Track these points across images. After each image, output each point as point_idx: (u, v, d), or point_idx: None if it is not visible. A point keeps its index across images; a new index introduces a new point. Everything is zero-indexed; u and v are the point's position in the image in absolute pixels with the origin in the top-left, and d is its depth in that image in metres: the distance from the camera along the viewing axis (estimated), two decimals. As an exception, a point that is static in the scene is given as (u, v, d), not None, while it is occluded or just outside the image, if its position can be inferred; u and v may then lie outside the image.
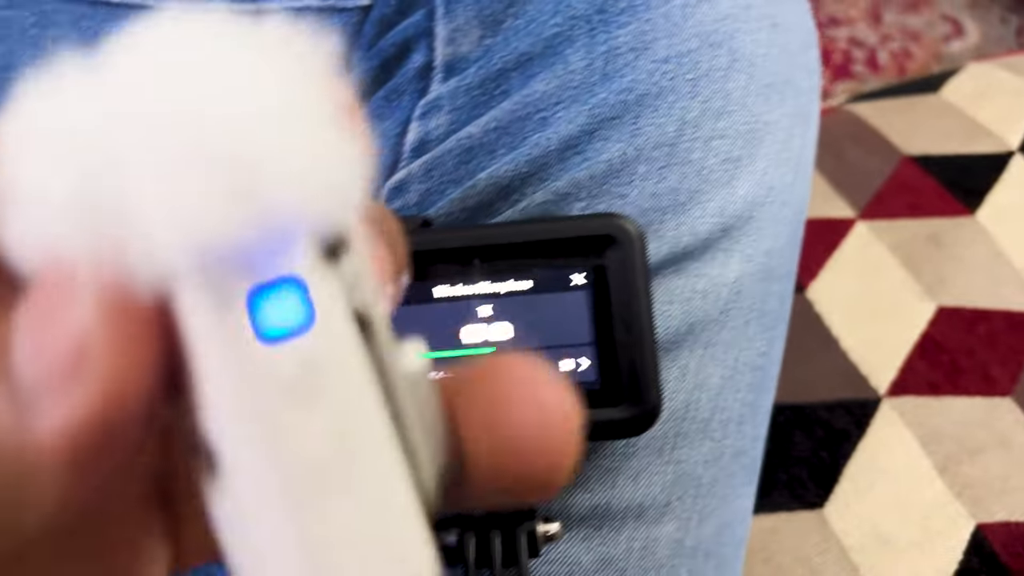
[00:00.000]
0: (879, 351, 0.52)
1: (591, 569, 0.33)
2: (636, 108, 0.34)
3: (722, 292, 0.34)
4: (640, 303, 0.29)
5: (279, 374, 0.11)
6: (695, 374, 0.34)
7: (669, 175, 0.34)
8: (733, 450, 0.36)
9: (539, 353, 0.29)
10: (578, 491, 0.33)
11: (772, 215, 0.36)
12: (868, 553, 0.46)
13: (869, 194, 0.59)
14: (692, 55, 0.34)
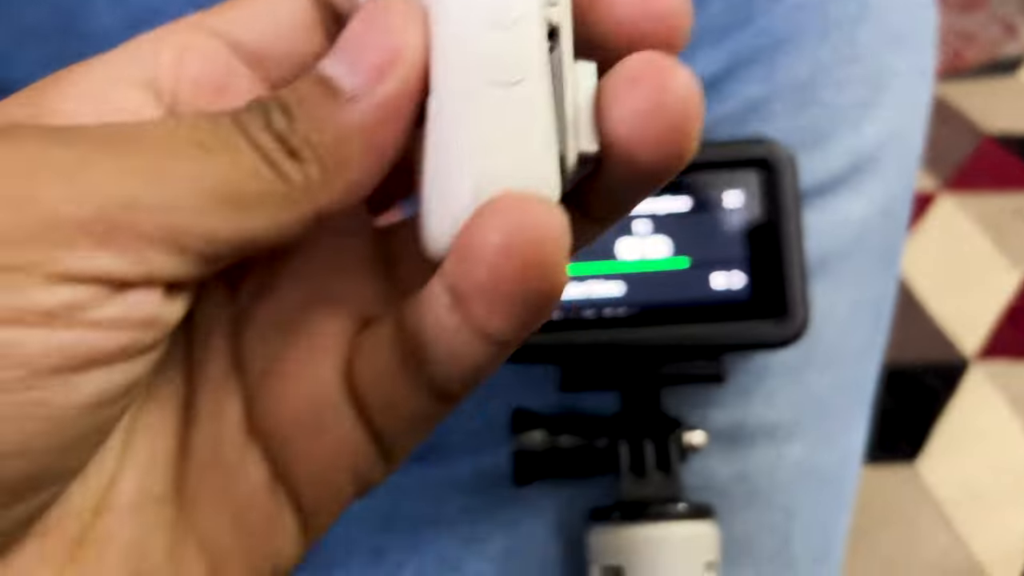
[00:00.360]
0: (966, 317, 0.54)
1: (726, 481, 0.34)
2: (771, 51, 0.36)
3: (850, 228, 0.36)
4: (791, 223, 0.30)
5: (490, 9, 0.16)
6: (822, 304, 0.36)
7: (803, 114, 0.36)
8: (853, 382, 0.37)
9: (695, 268, 0.31)
10: (716, 408, 0.34)
11: (894, 159, 0.38)
12: (961, 507, 0.47)
13: (953, 169, 0.60)
14: (824, 3, 0.36)
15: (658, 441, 0.31)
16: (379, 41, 0.16)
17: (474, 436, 0.35)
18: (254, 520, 0.18)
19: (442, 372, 0.17)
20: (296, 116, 0.16)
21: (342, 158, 0.16)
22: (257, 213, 0.15)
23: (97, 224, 0.14)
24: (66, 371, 0.14)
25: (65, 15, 0.37)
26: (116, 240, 0.14)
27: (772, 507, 0.35)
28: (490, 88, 0.16)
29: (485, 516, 0.34)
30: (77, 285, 0.14)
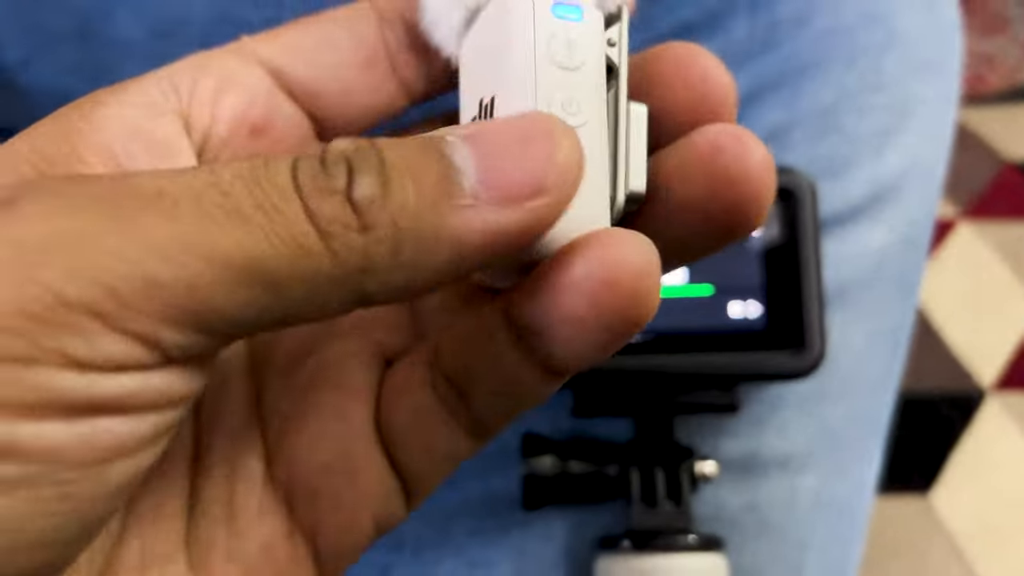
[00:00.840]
0: (983, 347, 0.53)
1: (737, 511, 0.34)
2: (795, 77, 0.35)
3: (869, 257, 0.36)
4: (810, 253, 0.30)
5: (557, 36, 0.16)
6: (839, 335, 0.35)
7: (824, 142, 0.35)
8: (868, 413, 0.37)
9: (711, 296, 0.31)
10: (728, 438, 0.34)
11: (916, 188, 0.37)
12: (974, 539, 0.46)
13: (972, 196, 0.60)
14: (850, 30, 0.36)
15: (669, 470, 0.31)
16: (531, 164, 0.14)
17: (484, 459, 0.34)
18: (268, 573, 0.17)
19: (487, 407, 0.17)
20: (393, 189, 0.13)
21: (420, 257, 0.14)
22: (295, 291, 0.13)
23: (107, 305, 0.13)
24: (92, 464, 0.13)
25: (87, 22, 0.37)
26: (129, 323, 0.13)
27: (784, 539, 0.35)
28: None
29: (493, 540, 0.34)
30: (93, 372, 0.13)
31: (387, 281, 0.14)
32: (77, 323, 0.13)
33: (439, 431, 0.17)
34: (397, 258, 0.14)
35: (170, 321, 0.13)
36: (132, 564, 0.16)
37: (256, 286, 0.13)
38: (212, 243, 0.13)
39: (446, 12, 0.17)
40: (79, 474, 0.13)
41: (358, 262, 0.13)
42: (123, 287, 0.13)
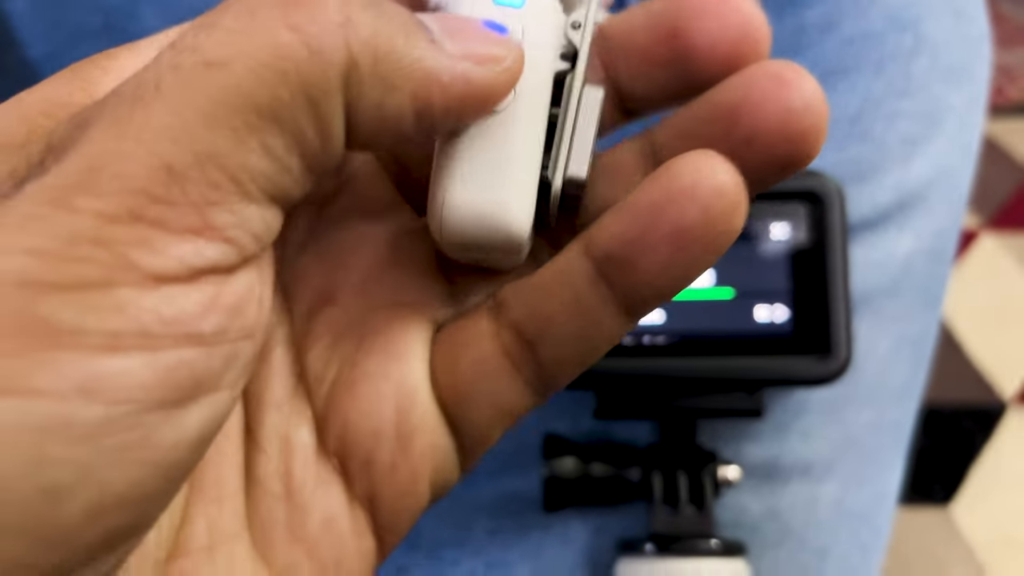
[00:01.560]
0: (1005, 359, 0.53)
1: (758, 517, 0.34)
2: (822, 82, 0.35)
3: (894, 265, 0.35)
4: (837, 258, 0.30)
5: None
6: (864, 341, 0.35)
7: (851, 148, 0.35)
8: (892, 421, 0.37)
9: (738, 299, 0.30)
10: (751, 443, 0.34)
11: (943, 196, 0.37)
12: (994, 552, 0.46)
13: (995, 207, 0.59)
14: (878, 36, 0.36)
15: (692, 474, 0.31)
16: (490, 41, 0.16)
17: (504, 459, 0.34)
18: (331, 548, 0.17)
19: (559, 356, 0.17)
20: (375, 12, 0.14)
21: (396, 75, 0.14)
22: (301, 118, 0.14)
23: (144, 210, 0.13)
24: (172, 404, 0.13)
25: (112, 17, 0.37)
26: (174, 220, 0.13)
27: (805, 546, 0.34)
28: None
29: (512, 541, 0.34)
30: (168, 286, 0.13)
31: (367, 95, 0.14)
32: (143, 235, 0.13)
33: (503, 383, 0.17)
34: (376, 67, 0.14)
35: (211, 199, 0.13)
36: (200, 543, 0.16)
37: (255, 121, 0.13)
38: (202, 102, 0.13)
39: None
40: (160, 417, 0.13)
41: (343, 58, 0.14)
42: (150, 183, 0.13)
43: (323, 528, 0.17)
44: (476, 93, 0.15)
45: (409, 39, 0.15)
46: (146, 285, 0.13)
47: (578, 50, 0.17)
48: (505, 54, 0.16)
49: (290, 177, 0.14)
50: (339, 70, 0.14)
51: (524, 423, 0.34)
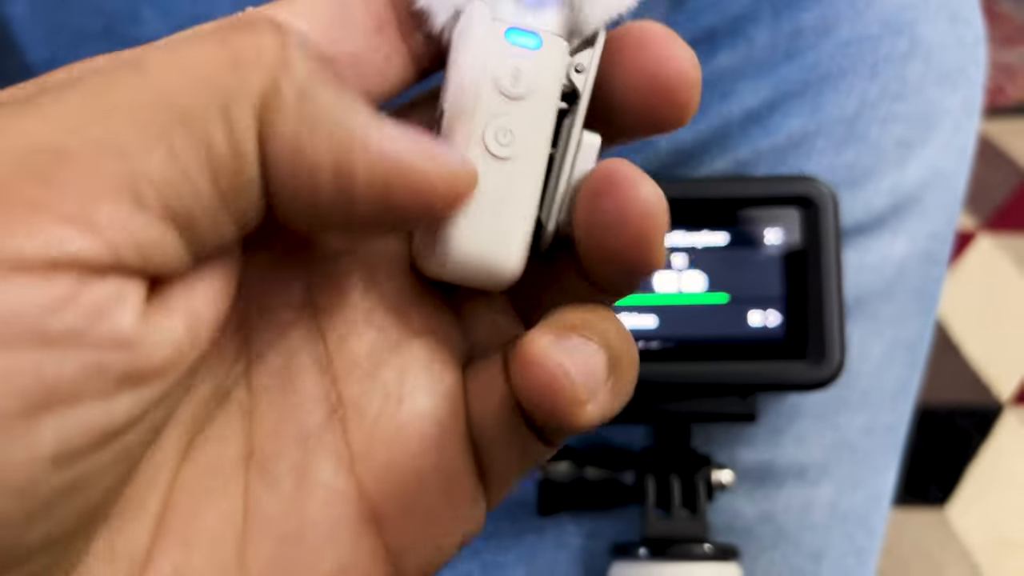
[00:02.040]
0: (1002, 360, 0.53)
1: (752, 521, 0.34)
2: (818, 86, 0.35)
3: (888, 268, 0.36)
4: (831, 263, 0.30)
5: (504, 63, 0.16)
6: (858, 345, 0.35)
7: (846, 151, 0.35)
8: (886, 424, 0.37)
9: (731, 304, 0.30)
10: (745, 447, 0.34)
11: (938, 199, 0.37)
12: (990, 554, 0.46)
13: (992, 208, 0.59)
14: (873, 40, 0.36)
15: (685, 478, 0.31)
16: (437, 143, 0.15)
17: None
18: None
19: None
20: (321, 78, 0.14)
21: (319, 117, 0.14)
22: (212, 124, 0.13)
23: (21, 187, 0.12)
24: (13, 415, 0.12)
25: (113, 22, 0.37)
26: (52, 202, 0.12)
27: (799, 549, 0.34)
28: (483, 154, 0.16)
29: (507, 543, 0.34)
30: (16, 274, 0.12)
31: (284, 125, 0.14)
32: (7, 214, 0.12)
33: (523, 430, 0.16)
34: (300, 104, 0.14)
35: (99, 190, 0.12)
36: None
37: (164, 120, 0.13)
38: (117, 95, 0.13)
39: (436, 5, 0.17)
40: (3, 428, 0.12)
41: (265, 78, 0.13)
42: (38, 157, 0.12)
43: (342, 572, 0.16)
44: (407, 178, 0.14)
45: (346, 98, 0.14)
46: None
47: (580, 93, 0.17)
48: (452, 162, 0.15)
49: (195, 196, 0.13)
50: (258, 87, 0.14)
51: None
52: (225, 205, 0.14)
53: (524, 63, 0.16)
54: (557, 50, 0.17)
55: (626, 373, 0.16)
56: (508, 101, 0.16)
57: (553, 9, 0.17)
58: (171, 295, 0.14)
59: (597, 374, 0.15)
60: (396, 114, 0.18)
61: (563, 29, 0.17)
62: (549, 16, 0.17)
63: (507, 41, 0.16)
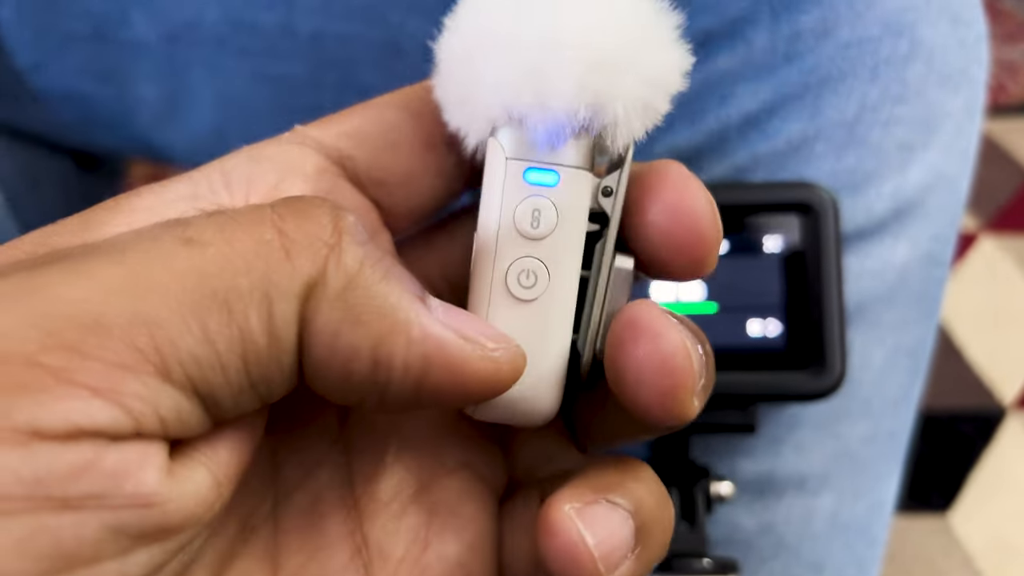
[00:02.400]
0: (1005, 363, 0.52)
1: (752, 533, 0.33)
2: (817, 89, 0.35)
3: (890, 273, 0.35)
4: (831, 271, 0.29)
5: (522, 204, 0.16)
6: (860, 352, 0.35)
7: (847, 155, 0.34)
8: (888, 432, 0.36)
9: (729, 314, 0.30)
10: (744, 458, 0.33)
11: (940, 203, 0.36)
12: (993, 560, 0.45)
13: (995, 209, 0.59)
14: (874, 42, 0.35)
15: (684, 490, 0.30)
16: (487, 327, 0.15)
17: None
18: None
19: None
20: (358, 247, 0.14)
21: (365, 307, 0.14)
22: (252, 311, 0.13)
23: (52, 355, 0.12)
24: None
25: (101, 25, 0.36)
26: (80, 372, 0.12)
27: (799, 561, 0.34)
28: (507, 298, 0.16)
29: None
30: (38, 442, 0.12)
31: (326, 315, 0.13)
32: (36, 381, 0.12)
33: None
34: (346, 293, 0.14)
35: (128, 365, 0.12)
36: None
37: (216, 308, 0.13)
38: (167, 272, 0.13)
39: (466, 125, 0.17)
40: None
41: (314, 270, 0.13)
42: (69, 331, 0.12)
43: None
44: (446, 366, 0.14)
45: (392, 285, 0.14)
46: (15, 440, 0.12)
47: (609, 216, 0.16)
48: (499, 346, 0.15)
49: (223, 375, 0.13)
50: (305, 276, 0.13)
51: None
52: (252, 385, 0.14)
53: (543, 202, 0.16)
54: (578, 183, 0.16)
55: (656, 540, 0.16)
56: (530, 242, 0.16)
57: (571, 142, 0.16)
58: (195, 450, 0.14)
59: (622, 545, 0.15)
60: (447, 222, 0.18)
61: (586, 158, 0.16)
62: (569, 150, 0.16)
63: (525, 182, 0.16)
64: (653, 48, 0.16)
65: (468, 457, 0.17)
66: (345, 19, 0.38)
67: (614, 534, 0.14)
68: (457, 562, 0.16)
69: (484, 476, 0.17)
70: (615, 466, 0.16)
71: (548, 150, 0.16)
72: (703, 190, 0.16)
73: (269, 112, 0.41)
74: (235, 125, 0.42)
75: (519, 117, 0.16)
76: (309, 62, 0.39)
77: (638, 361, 0.15)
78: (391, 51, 0.37)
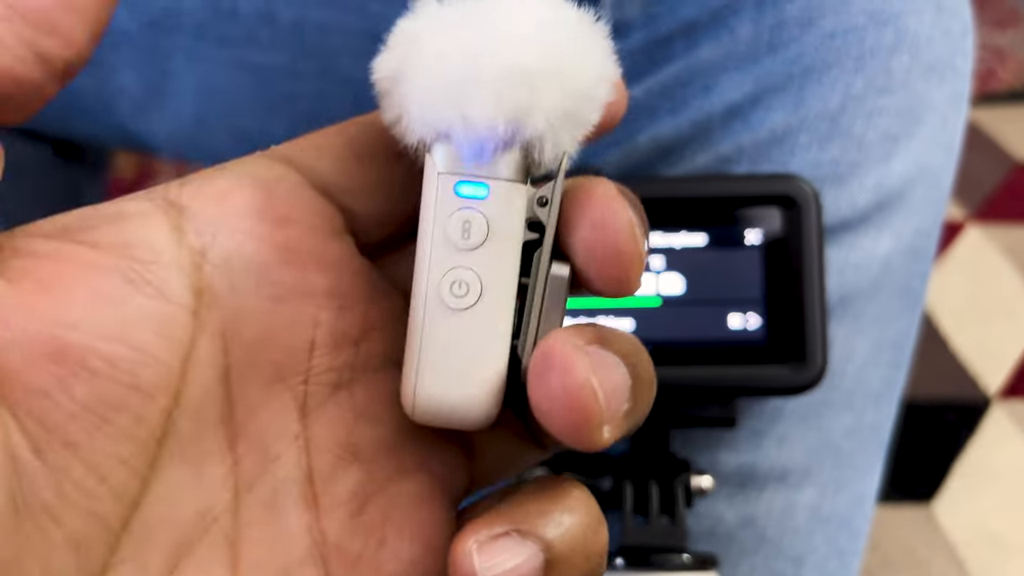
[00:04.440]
0: (990, 353, 0.52)
1: (733, 526, 0.33)
2: (801, 79, 0.34)
3: (873, 266, 0.35)
4: (813, 265, 0.29)
5: (452, 217, 0.16)
6: (843, 345, 0.34)
7: (830, 146, 0.34)
8: (870, 424, 0.36)
9: (709, 307, 0.30)
10: (726, 451, 0.33)
11: (923, 195, 0.36)
12: (976, 550, 0.46)
13: (982, 198, 0.59)
14: (858, 32, 0.35)
15: (664, 484, 0.30)
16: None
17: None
18: None
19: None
20: None
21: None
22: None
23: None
24: None
25: None
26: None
27: (780, 554, 0.34)
28: (441, 307, 0.16)
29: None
30: None
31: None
32: None
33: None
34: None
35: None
36: None
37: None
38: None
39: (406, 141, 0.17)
40: None
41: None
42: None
43: None
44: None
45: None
46: None
47: (545, 225, 0.17)
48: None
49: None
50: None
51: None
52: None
53: (473, 215, 0.16)
54: (511, 195, 0.16)
55: (578, 569, 0.16)
56: (462, 253, 0.16)
57: (501, 156, 0.16)
58: None
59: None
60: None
61: (517, 170, 0.17)
62: (499, 163, 0.16)
63: (456, 195, 0.16)
64: (577, 60, 0.16)
65: (428, 458, 0.17)
66: (324, 6, 0.37)
67: (517, 570, 0.14)
68: (411, 560, 0.16)
69: (443, 478, 0.17)
70: (543, 490, 0.16)
71: (477, 164, 0.16)
72: (626, 210, 0.16)
73: (250, 101, 0.40)
74: (216, 115, 0.41)
75: (446, 133, 0.16)
76: (290, 51, 0.38)
77: (548, 392, 0.15)
78: (370, 40, 0.36)
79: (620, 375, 0.16)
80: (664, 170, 0.34)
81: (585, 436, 0.15)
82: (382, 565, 0.16)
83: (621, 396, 0.15)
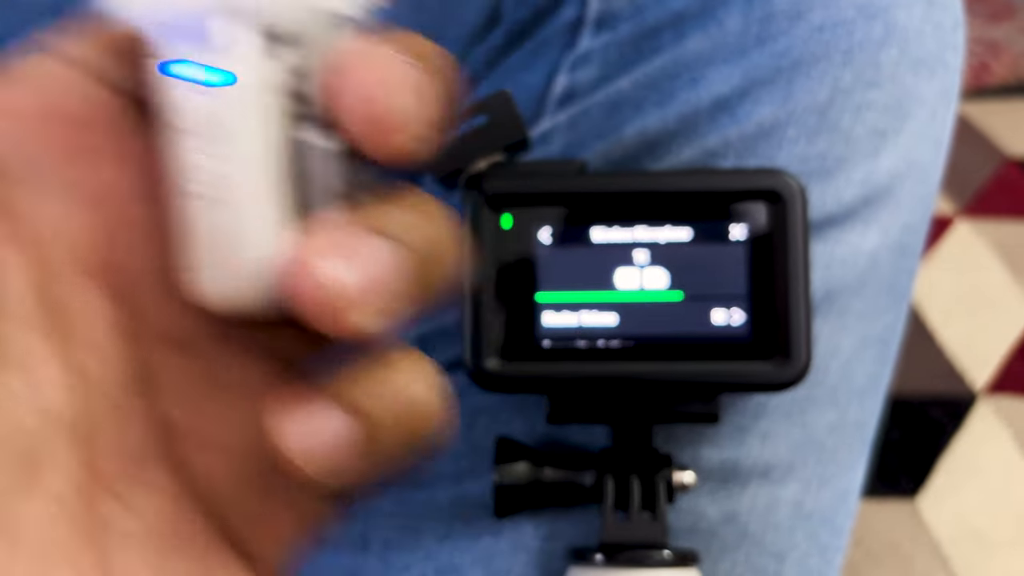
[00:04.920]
0: (977, 348, 0.52)
1: (715, 522, 0.33)
2: (790, 73, 0.34)
3: (860, 261, 0.35)
4: (798, 261, 0.29)
5: (189, 109, 0.16)
6: (827, 340, 0.34)
7: (818, 141, 0.34)
8: (855, 421, 0.36)
9: (693, 302, 0.29)
10: (709, 446, 0.33)
11: (911, 190, 0.36)
12: (960, 546, 0.46)
13: (971, 193, 0.58)
14: (848, 25, 0.34)
15: (645, 479, 0.30)
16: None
17: (457, 460, 0.33)
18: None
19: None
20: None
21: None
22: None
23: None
24: None
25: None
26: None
27: (762, 550, 0.34)
28: (196, 199, 0.16)
29: (462, 545, 0.33)
30: None
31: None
32: None
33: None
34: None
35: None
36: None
37: None
38: None
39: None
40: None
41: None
42: None
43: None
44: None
45: None
46: None
47: (308, 99, 0.16)
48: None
49: None
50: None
51: (477, 425, 0.33)
52: None
53: (205, 99, 0.15)
54: (248, 70, 0.15)
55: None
56: (206, 139, 0.16)
57: (225, 31, 0.15)
58: None
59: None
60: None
61: (247, 45, 0.15)
62: (225, 39, 0.15)
63: (182, 79, 0.15)
64: None
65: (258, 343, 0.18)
66: None
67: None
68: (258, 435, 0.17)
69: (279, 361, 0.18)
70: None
71: (201, 44, 0.15)
72: (394, 66, 0.15)
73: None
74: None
75: (159, 20, 0.15)
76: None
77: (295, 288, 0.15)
78: None
79: (382, 261, 0.15)
80: (650, 163, 0.34)
81: (342, 326, 0.15)
82: (231, 444, 0.17)
83: (382, 284, 0.15)
